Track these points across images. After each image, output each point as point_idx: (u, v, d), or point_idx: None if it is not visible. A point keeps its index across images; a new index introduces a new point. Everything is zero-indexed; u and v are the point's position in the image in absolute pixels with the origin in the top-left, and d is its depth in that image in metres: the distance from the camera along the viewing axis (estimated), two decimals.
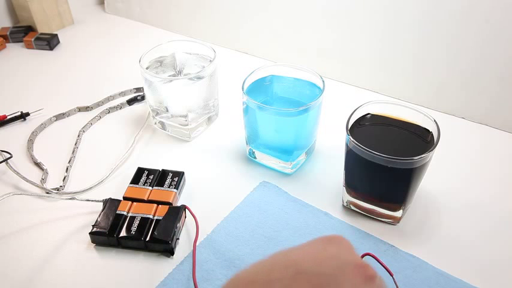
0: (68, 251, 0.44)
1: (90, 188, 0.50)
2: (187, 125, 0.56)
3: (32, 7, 0.82)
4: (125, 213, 0.45)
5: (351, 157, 0.43)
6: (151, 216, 0.44)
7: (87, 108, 0.64)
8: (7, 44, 0.83)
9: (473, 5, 0.54)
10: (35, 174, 0.53)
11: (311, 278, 0.22)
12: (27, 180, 0.50)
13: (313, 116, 0.49)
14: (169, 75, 0.59)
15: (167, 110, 0.57)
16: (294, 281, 0.22)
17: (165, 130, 0.59)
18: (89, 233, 0.43)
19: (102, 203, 0.46)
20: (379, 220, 0.46)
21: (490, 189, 0.50)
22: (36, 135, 0.59)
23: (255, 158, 0.54)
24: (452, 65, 0.59)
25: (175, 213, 0.45)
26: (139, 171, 0.50)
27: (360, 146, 0.40)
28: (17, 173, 0.51)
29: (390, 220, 0.45)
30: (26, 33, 0.82)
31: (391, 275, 0.38)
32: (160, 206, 0.46)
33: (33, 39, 0.80)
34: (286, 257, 0.24)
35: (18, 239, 0.45)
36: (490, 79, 0.57)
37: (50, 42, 0.80)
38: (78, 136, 0.58)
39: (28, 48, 0.82)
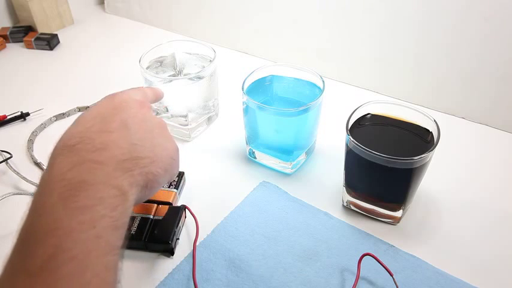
0: None
1: None
2: (187, 125, 0.56)
3: (32, 7, 0.82)
4: None
5: (350, 157, 0.43)
6: (151, 216, 0.44)
7: (87, 108, 0.64)
8: (7, 44, 0.83)
9: (472, 3, 0.54)
10: (35, 174, 0.52)
11: (114, 119, 0.32)
12: (27, 180, 0.50)
13: (313, 116, 0.49)
14: (169, 75, 0.59)
15: (167, 110, 0.57)
16: (104, 123, 0.32)
17: None
18: None
19: None
20: (379, 220, 0.46)
21: (490, 189, 0.50)
22: (36, 135, 0.59)
23: (255, 158, 0.54)
24: (452, 65, 0.59)
25: (175, 213, 0.45)
26: None
27: (360, 146, 0.40)
28: (17, 173, 0.51)
29: (390, 220, 0.45)
30: (26, 33, 0.82)
31: (391, 275, 0.38)
32: (160, 206, 0.46)
33: (33, 39, 0.80)
34: (87, 115, 0.33)
35: None
36: (490, 79, 0.57)
37: (50, 42, 0.80)
38: None
39: (28, 48, 0.82)
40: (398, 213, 0.45)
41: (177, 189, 0.48)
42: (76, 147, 0.29)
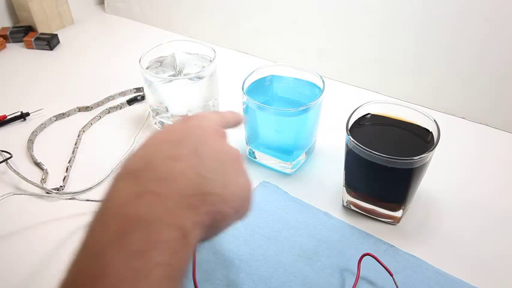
0: (68, 251, 0.43)
1: (90, 188, 0.50)
2: None
3: (32, 7, 0.82)
4: None
5: (351, 157, 0.43)
6: None
7: (87, 108, 0.64)
8: (7, 44, 0.83)
9: (472, 4, 0.54)
10: (35, 174, 0.53)
11: (185, 145, 0.29)
12: (27, 180, 0.50)
13: (313, 116, 0.49)
14: (169, 75, 0.59)
15: (167, 110, 0.57)
16: (173, 149, 0.28)
17: None
18: None
19: None
20: (379, 220, 0.46)
21: (490, 189, 0.50)
22: (36, 135, 0.59)
23: (255, 158, 0.54)
24: (452, 65, 0.59)
25: None
26: None
27: (360, 146, 0.40)
28: (17, 173, 0.51)
29: (390, 220, 0.45)
30: (26, 33, 0.82)
31: (391, 275, 0.38)
32: None
33: (33, 39, 0.80)
34: (157, 138, 0.30)
35: (18, 239, 0.45)
36: (490, 79, 0.57)
37: (50, 42, 0.80)
38: (78, 136, 0.58)
39: (28, 48, 0.82)
40: (398, 213, 0.45)
41: None
42: (139, 173, 0.26)
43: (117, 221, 0.24)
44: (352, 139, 0.41)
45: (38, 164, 0.54)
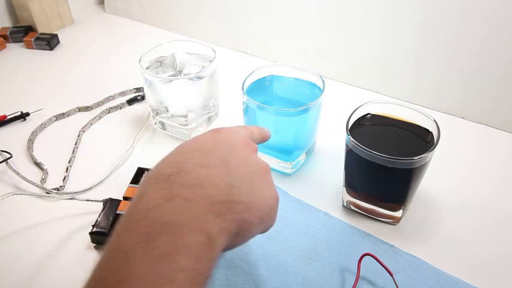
0: (68, 251, 0.44)
1: (90, 188, 0.50)
2: (187, 125, 0.56)
3: (32, 7, 0.82)
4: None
5: (351, 157, 0.43)
6: None
7: (87, 108, 0.64)
8: (7, 44, 0.83)
9: (472, 4, 0.54)
10: (35, 174, 0.53)
11: (215, 154, 0.30)
12: (27, 180, 0.50)
13: (313, 116, 0.49)
14: (169, 75, 0.59)
15: (167, 110, 0.57)
16: (204, 157, 0.29)
17: (165, 130, 0.59)
18: (89, 233, 0.43)
19: (102, 203, 0.46)
20: (379, 220, 0.46)
21: (490, 189, 0.50)
22: (36, 135, 0.59)
23: None
24: (452, 65, 0.59)
25: None
26: (139, 171, 0.50)
27: (360, 146, 0.40)
28: (17, 173, 0.51)
29: (390, 220, 0.45)
30: (26, 33, 0.82)
31: (391, 275, 0.38)
32: None
33: (33, 39, 0.80)
34: (188, 146, 0.31)
35: (18, 239, 0.45)
36: (490, 79, 0.57)
37: (50, 42, 0.80)
38: (78, 136, 0.58)
39: (28, 48, 0.82)
40: (398, 213, 0.45)
41: None
42: (171, 178, 0.27)
43: (144, 224, 0.24)
44: (352, 139, 0.41)
45: (38, 164, 0.54)
